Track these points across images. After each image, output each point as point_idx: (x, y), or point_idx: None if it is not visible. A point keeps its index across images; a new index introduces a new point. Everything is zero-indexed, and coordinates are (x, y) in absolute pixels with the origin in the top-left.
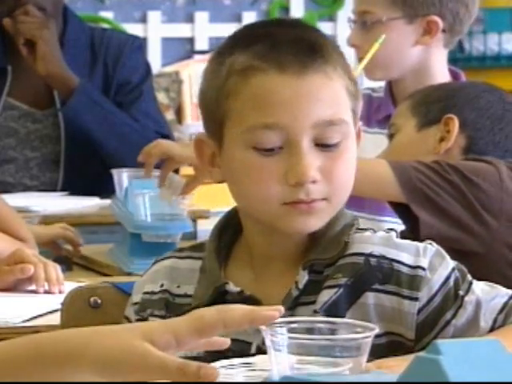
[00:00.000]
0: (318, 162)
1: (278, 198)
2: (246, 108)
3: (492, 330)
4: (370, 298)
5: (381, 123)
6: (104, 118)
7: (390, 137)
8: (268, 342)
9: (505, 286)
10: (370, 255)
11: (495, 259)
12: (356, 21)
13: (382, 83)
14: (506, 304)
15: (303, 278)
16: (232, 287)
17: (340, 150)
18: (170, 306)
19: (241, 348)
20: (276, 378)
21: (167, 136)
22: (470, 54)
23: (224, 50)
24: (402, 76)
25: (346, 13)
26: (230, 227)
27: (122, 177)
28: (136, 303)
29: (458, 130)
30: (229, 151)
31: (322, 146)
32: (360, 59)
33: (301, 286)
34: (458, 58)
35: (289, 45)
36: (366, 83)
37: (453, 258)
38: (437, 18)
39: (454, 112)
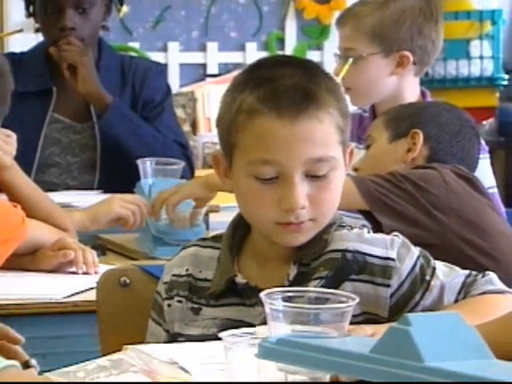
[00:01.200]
0: (307, 190)
1: (273, 218)
2: (250, 144)
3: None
4: (348, 286)
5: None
6: (133, 130)
7: (367, 147)
8: (267, 309)
9: None
10: (346, 251)
11: (449, 249)
12: (341, 56)
13: None
14: (464, 283)
15: (293, 271)
16: (240, 279)
17: (327, 179)
18: (192, 288)
19: (247, 327)
20: (273, 340)
21: (184, 145)
22: (432, 78)
23: (237, 86)
24: (381, 101)
25: (330, 43)
26: (242, 226)
27: (147, 166)
28: (166, 282)
29: (422, 143)
30: (235, 174)
31: (311, 176)
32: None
33: (291, 278)
34: (423, 81)
35: (287, 92)
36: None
37: None
38: (408, 53)
39: (419, 127)
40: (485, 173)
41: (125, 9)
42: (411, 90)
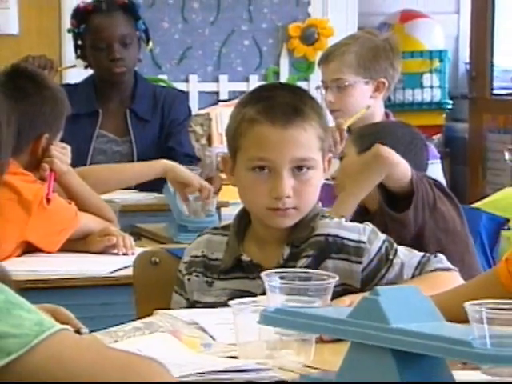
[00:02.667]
0: (292, 184)
1: (265, 204)
2: (250, 146)
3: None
4: (329, 263)
5: None
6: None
7: (340, 159)
8: (266, 286)
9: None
10: (328, 235)
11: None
12: (330, 85)
13: None
14: (419, 262)
15: (286, 251)
16: (245, 257)
17: (308, 176)
18: (206, 266)
19: (250, 296)
20: (271, 309)
21: (192, 155)
22: (394, 102)
23: (243, 103)
24: (358, 119)
25: (315, 76)
26: (245, 218)
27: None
28: (186, 262)
29: None
30: (238, 170)
31: (296, 172)
32: (332, 111)
33: (285, 256)
34: (386, 105)
35: (280, 107)
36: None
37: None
38: (384, 80)
39: (379, 141)
40: (437, 175)
41: (150, 44)
42: (380, 110)
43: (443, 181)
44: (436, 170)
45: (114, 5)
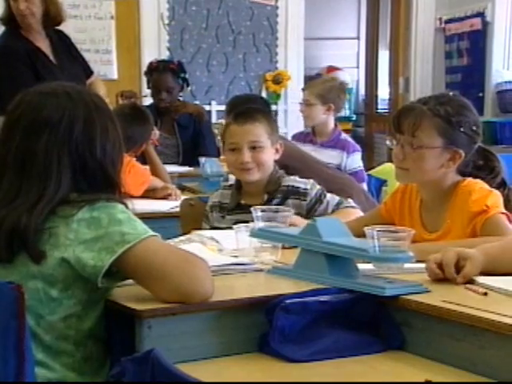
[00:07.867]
0: (250, 155)
1: (236, 166)
2: (227, 137)
3: (332, 213)
4: (289, 201)
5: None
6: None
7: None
8: (254, 215)
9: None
10: (288, 186)
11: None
12: (303, 103)
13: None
14: (338, 203)
15: (265, 197)
16: (242, 202)
17: (258, 151)
18: (221, 207)
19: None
20: (256, 228)
21: (209, 150)
22: None
23: (227, 114)
24: (317, 125)
25: (281, 101)
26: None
27: (203, 159)
28: (209, 205)
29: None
30: (225, 152)
31: (252, 148)
32: (304, 117)
33: (264, 199)
34: None
35: (242, 115)
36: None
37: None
38: (332, 105)
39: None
40: (359, 163)
41: (188, 88)
42: (331, 121)
43: (362, 166)
44: (357, 158)
45: (166, 66)
